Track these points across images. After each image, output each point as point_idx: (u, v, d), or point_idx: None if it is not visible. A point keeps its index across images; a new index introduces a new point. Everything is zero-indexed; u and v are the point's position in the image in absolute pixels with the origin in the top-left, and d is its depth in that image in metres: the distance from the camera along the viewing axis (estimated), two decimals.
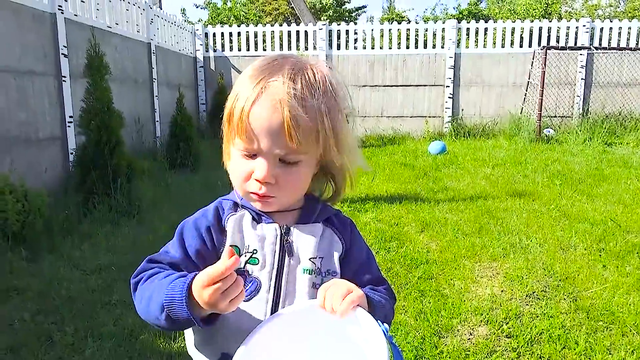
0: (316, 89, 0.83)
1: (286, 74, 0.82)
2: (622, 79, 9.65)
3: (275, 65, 0.84)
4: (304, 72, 0.84)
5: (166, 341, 2.30)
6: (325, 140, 0.84)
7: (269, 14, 19.66)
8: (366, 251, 0.97)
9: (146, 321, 0.85)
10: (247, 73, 0.86)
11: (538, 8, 17.39)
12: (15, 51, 4.41)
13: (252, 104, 0.80)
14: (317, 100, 0.82)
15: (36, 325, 2.44)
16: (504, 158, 7.37)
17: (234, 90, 0.86)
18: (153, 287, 0.81)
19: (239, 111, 0.81)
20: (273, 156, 0.82)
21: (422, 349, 2.25)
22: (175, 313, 0.76)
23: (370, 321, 0.77)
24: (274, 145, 0.81)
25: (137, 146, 6.51)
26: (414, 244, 3.68)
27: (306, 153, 0.84)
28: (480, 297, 2.81)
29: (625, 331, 2.40)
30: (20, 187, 3.55)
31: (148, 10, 7.65)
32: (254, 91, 0.81)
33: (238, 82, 0.86)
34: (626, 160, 6.99)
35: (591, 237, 3.76)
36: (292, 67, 0.84)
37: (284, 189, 0.85)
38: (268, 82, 0.81)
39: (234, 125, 0.83)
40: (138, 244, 3.68)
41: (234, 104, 0.83)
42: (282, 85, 0.80)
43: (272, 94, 0.80)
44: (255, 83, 0.81)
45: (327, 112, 0.84)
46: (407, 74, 10.17)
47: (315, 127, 0.82)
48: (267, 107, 0.80)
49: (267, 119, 0.80)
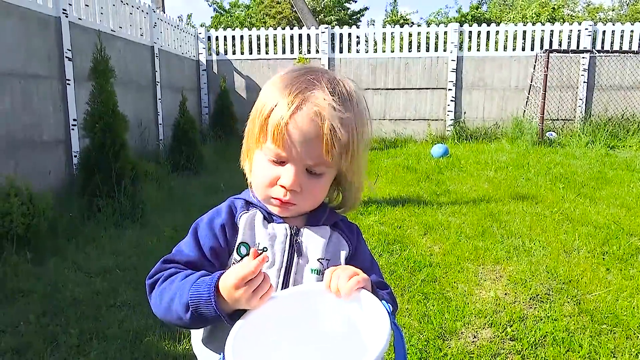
0: (351, 103, 0.85)
1: (325, 87, 0.82)
2: (625, 82, 9.65)
3: (312, 78, 0.84)
4: (339, 85, 0.85)
5: (171, 343, 2.31)
6: (351, 156, 0.86)
7: (272, 18, 19.73)
8: (370, 258, 0.99)
9: (164, 320, 0.86)
10: (281, 83, 0.85)
11: (544, 13, 17.42)
12: (20, 55, 4.44)
13: (293, 113, 0.81)
14: (352, 114, 0.84)
15: (41, 327, 2.45)
16: (506, 161, 7.37)
17: (265, 98, 0.86)
18: (174, 287, 0.83)
19: (276, 119, 0.81)
20: (303, 166, 0.84)
21: (426, 352, 2.25)
22: (201, 312, 0.78)
23: (374, 301, 0.77)
24: (307, 155, 0.82)
25: (140, 149, 6.53)
26: (417, 247, 3.68)
27: (333, 167, 0.86)
28: (484, 300, 2.81)
29: (629, 334, 2.40)
30: (25, 190, 3.56)
31: (151, 14, 7.69)
32: (295, 101, 0.81)
33: (269, 91, 0.86)
34: (629, 163, 6.98)
35: (594, 240, 3.76)
36: (329, 80, 0.85)
37: (306, 198, 0.87)
38: (308, 93, 0.82)
39: (269, 132, 0.83)
40: (142, 246, 3.69)
41: (271, 112, 0.83)
42: (322, 97, 0.81)
43: (313, 105, 0.81)
44: (296, 93, 0.82)
45: (358, 127, 0.85)
46: (409, 77, 10.18)
47: (348, 142, 0.84)
48: (307, 118, 0.81)
49: (307, 130, 0.81)
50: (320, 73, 0.86)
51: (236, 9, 19.47)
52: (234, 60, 10.48)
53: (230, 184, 5.60)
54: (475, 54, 10.00)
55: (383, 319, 0.74)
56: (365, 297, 0.78)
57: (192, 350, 0.94)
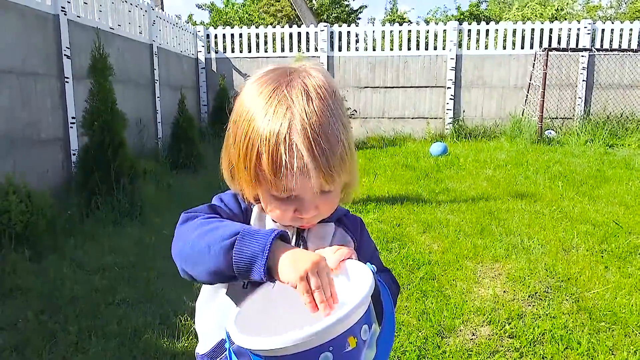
0: (332, 112, 0.79)
1: (303, 108, 0.76)
2: (624, 81, 9.66)
3: (285, 93, 0.78)
4: (315, 96, 0.79)
5: (170, 340, 2.31)
6: (348, 162, 0.83)
7: (272, 15, 19.69)
8: (373, 247, 1.01)
9: (181, 254, 0.80)
10: (257, 110, 0.79)
11: (545, 12, 17.40)
12: (19, 52, 4.43)
13: (282, 162, 0.75)
14: (336, 126, 0.79)
15: (40, 325, 2.45)
16: (505, 159, 7.37)
17: (247, 128, 0.79)
18: (224, 223, 0.78)
19: (267, 168, 0.77)
20: (313, 196, 0.80)
21: (424, 349, 2.25)
22: (244, 247, 0.71)
23: (358, 265, 0.77)
24: (311, 190, 0.79)
25: (139, 147, 6.53)
26: (415, 245, 3.68)
27: (339, 179, 0.83)
28: (483, 297, 2.81)
29: (628, 332, 2.40)
30: (23, 187, 3.56)
31: (150, 12, 7.67)
32: (279, 147, 0.75)
33: (248, 119, 0.79)
34: (628, 162, 6.98)
35: (593, 238, 3.77)
36: (303, 91, 0.78)
37: (325, 212, 0.86)
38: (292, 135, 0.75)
39: (262, 180, 0.79)
40: (141, 244, 3.69)
41: (258, 155, 0.77)
42: (305, 128, 0.75)
43: (299, 140, 0.75)
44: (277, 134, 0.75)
45: (344, 132, 0.81)
46: (408, 75, 10.18)
47: (342, 156, 0.80)
48: (299, 163, 0.75)
49: (301, 175, 0.76)
50: (291, 85, 0.79)
51: (231, 7, 19.44)
52: (232, 58, 10.47)
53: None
54: (475, 52, 10.00)
55: (365, 274, 0.74)
56: (351, 265, 0.78)
57: (190, 347, 0.94)
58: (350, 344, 0.68)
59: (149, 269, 3.20)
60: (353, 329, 0.68)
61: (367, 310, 0.71)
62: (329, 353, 0.66)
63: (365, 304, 0.70)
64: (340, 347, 0.67)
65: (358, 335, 0.68)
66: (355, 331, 0.68)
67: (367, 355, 0.69)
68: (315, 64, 0.88)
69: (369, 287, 0.71)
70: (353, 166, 0.85)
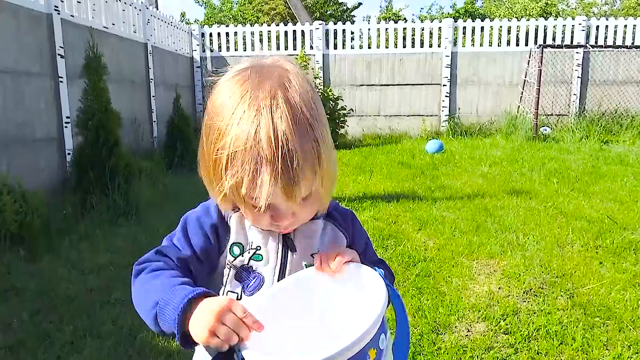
0: (302, 116, 0.76)
1: (271, 117, 0.73)
2: (618, 77, 9.69)
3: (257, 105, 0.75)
4: (285, 101, 0.75)
5: (165, 340, 2.30)
6: (324, 167, 0.79)
7: (266, 14, 19.67)
8: (365, 239, 1.00)
9: (137, 310, 0.84)
10: (226, 116, 0.77)
11: (535, 7, 17.43)
12: (12, 52, 4.40)
13: (250, 176, 0.74)
14: (308, 133, 0.76)
15: (35, 325, 2.44)
16: (500, 156, 7.39)
17: (216, 136, 0.77)
18: (157, 282, 0.81)
19: (235, 184, 0.75)
20: (287, 205, 0.79)
21: (420, 346, 2.26)
22: (163, 317, 0.75)
23: (364, 269, 0.78)
24: (282, 200, 0.77)
25: (134, 147, 6.51)
26: (411, 242, 3.69)
27: (315, 184, 0.80)
28: (478, 294, 2.82)
29: (622, 327, 2.41)
30: (18, 187, 3.55)
31: (144, 11, 7.65)
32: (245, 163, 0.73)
33: (217, 126, 0.77)
34: (622, 158, 7.01)
35: (588, 234, 3.78)
36: (273, 97, 0.75)
37: (303, 218, 0.85)
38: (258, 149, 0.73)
39: (235, 195, 0.78)
40: (136, 244, 3.68)
41: (226, 169, 0.76)
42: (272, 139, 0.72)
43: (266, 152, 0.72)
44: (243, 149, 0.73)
45: (317, 139, 0.77)
46: (403, 73, 10.18)
47: (313, 165, 0.77)
48: (267, 177, 0.73)
49: (271, 188, 0.74)
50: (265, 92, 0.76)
51: (226, 6, 19.39)
52: (228, 57, 10.45)
53: None
54: (470, 49, 10.01)
55: (377, 283, 0.75)
56: (356, 269, 0.79)
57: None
58: (371, 356, 0.69)
59: None
60: (373, 341, 0.69)
61: (382, 323, 0.72)
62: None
63: (382, 316, 0.71)
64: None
65: (377, 346, 0.70)
66: (374, 343, 0.69)
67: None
68: (287, 59, 0.84)
69: (384, 299, 0.72)
70: (329, 175, 0.81)
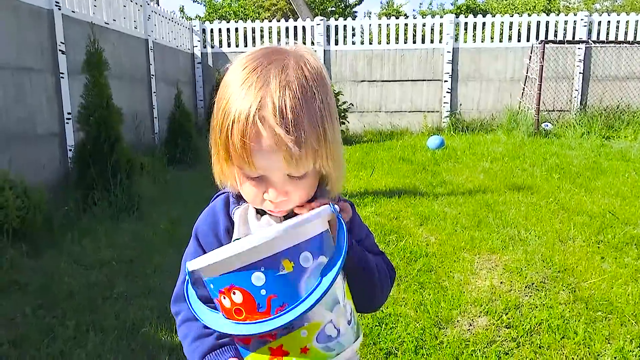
0: (312, 95, 0.77)
1: (279, 86, 0.75)
2: (620, 73, 9.66)
3: (265, 71, 0.77)
4: (296, 76, 0.77)
5: (168, 334, 2.31)
6: (323, 149, 0.80)
7: (267, 10, 19.62)
8: (366, 231, 0.98)
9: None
10: (235, 86, 0.79)
11: (539, 2, 17.35)
12: (13, 48, 4.40)
13: (250, 138, 0.75)
14: (314, 110, 0.77)
15: (38, 320, 2.45)
16: (502, 152, 7.38)
17: (224, 109, 0.79)
18: (187, 348, 0.87)
19: (237, 142, 0.76)
20: (281, 176, 0.79)
21: (422, 340, 2.26)
22: None
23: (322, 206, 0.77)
24: (279, 170, 0.78)
25: (135, 143, 6.50)
26: (413, 238, 3.69)
27: (311, 167, 0.80)
28: (480, 288, 2.82)
29: (624, 321, 2.41)
30: (20, 183, 3.55)
31: (145, 7, 7.63)
32: (249, 123, 0.75)
33: (227, 97, 0.79)
34: (624, 154, 7.00)
35: (590, 229, 3.78)
36: (283, 70, 0.77)
37: (297, 198, 0.83)
38: (262, 112, 0.74)
39: (233, 155, 0.78)
40: (138, 239, 3.69)
41: (230, 129, 0.77)
42: (278, 107, 0.74)
43: (270, 117, 0.74)
44: (248, 110, 0.75)
45: (323, 118, 0.78)
46: (405, 69, 10.16)
47: (317, 142, 0.78)
48: (267, 141, 0.75)
49: (269, 152, 0.75)
50: (272, 67, 0.78)
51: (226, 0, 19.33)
52: (229, 52, 10.43)
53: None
54: (471, 45, 9.98)
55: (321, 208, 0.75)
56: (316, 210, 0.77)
57: None
58: (286, 267, 0.67)
59: (146, 263, 3.20)
60: (287, 252, 0.67)
61: (314, 239, 0.70)
62: (260, 273, 0.66)
63: (300, 230, 0.69)
64: (272, 268, 0.66)
65: (296, 260, 0.67)
66: (291, 255, 0.67)
67: (310, 284, 0.68)
68: (307, 49, 0.85)
69: (313, 214, 0.71)
70: (333, 156, 0.81)
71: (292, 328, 0.67)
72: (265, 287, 0.66)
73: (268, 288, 0.66)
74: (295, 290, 0.67)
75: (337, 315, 0.70)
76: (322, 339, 0.68)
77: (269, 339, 0.68)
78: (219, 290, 0.69)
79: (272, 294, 0.66)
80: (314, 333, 0.68)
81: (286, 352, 0.67)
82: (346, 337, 0.70)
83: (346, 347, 0.70)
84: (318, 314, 0.68)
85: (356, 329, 0.74)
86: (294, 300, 0.66)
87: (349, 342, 0.70)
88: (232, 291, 0.67)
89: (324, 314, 0.69)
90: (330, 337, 0.68)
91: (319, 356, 0.67)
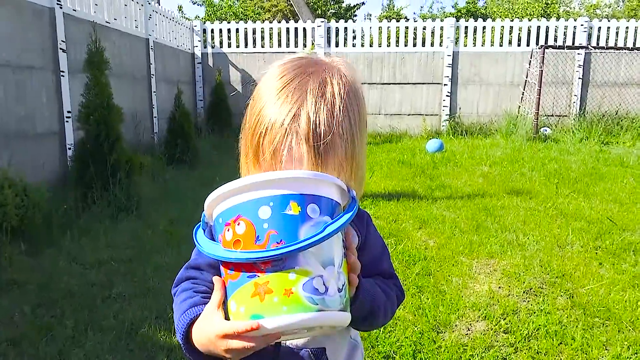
0: (345, 112, 0.79)
1: (315, 101, 0.77)
2: (619, 79, 9.70)
3: (303, 83, 0.79)
4: (332, 93, 0.79)
5: (166, 334, 2.31)
6: (348, 164, 0.82)
7: (267, 11, 19.64)
8: (381, 245, 0.98)
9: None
10: (271, 94, 0.80)
11: (536, 7, 17.41)
12: (14, 46, 4.40)
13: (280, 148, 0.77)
14: (345, 127, 0.79)
15: (36, 318, 2.45)
16: (501, 156, 7.40)
17: (258, 110, 0.81)
18: (177, 308, 0.85)
19: (267, 151, 0.78)
20: None
21: (420, 344, 2.27)
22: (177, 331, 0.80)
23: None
24: None
25: (135, 142, 6.51)
26: (411, 241, 3.70)
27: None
28: (478, 293, 2.83)
29: (622, 327, 2.42)
30: (19, 181, 3.54)
31: (146, 6, 7.64)
32: (281, 134, 0.77)
33: (262, 101, 0.81)
34: (622, 160, 7.02)
35: (588, 235, 3.79)
36: (321, 85, 0.79)
37: None
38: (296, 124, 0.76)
39: (262, 161, 0.80)
40: (137, 239, 3.69)
41: (262, 136, 0.79)
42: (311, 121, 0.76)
43: (301, 131, 0.76)
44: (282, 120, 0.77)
45: (352, 135, 0.81)
46: (405, 72, 10.18)
47: (344, 157, 0.80)
48: (297, 154, 0.77)
49: (297, 163, 0.77)
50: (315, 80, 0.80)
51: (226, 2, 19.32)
52: (229, 53, 10.44)
53: (225, 176, 5.57)
54: (471, 49, 10.01)
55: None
56: None
57: None
58: (293, 209, 0.69)
59: (145, 263, 3.20)
60: (298, 197, 0.69)
61: (326, 200, 0.72)
62: (268, 207, 0.69)
63: (316, 184, 0.71)
64: (280, 206, 0.69)
65: (304, 207, 0.69)
66: (300, 201, 0.69)
67: (309, 233, 0.69)
68: (344, 61, 0.87)
69: (333, 177, 0.73)
70: (358, 166, 0.83)
71: (282, 267, 0.68)
72: (269, 221, 0.68)
73: (271, 223, 0.68)
74: (295, 232, 0.68)
75: (328, 275, 0.70)
76: (309, 289, 0.68)
77: (257, 272, 0.69)
78: (226, 223, 0.72)
79: (273, 229, 0.68)
80: (302, 279, 0.68)
81: (270, 290, 0.68)
82: (333, 300, 0.70)
83: (330, 308, 0.69)
84: (311, 263, 0.69)
85: (344, 304, 0.73)
86: (292, 240, 0.68)
87: (334, 306, 0.70)
88: (238, 222, 0.70)
89: (316, 266, 0.69)
90: (317, 290, 0.68)
91: (300, 303, 0.67)
